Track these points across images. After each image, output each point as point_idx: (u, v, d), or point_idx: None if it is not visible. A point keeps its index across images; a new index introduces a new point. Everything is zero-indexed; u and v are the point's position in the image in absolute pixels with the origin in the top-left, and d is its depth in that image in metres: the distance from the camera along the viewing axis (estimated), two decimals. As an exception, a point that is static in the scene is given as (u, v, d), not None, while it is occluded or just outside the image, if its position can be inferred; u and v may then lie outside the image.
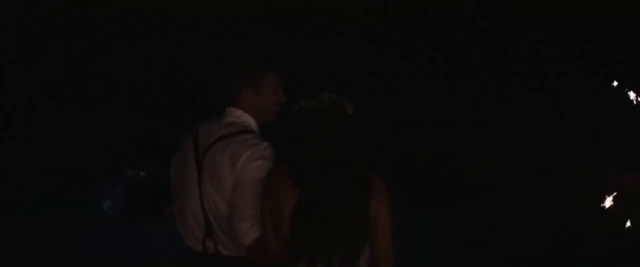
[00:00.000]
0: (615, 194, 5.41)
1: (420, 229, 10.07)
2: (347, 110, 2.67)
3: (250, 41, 17.57)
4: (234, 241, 2.87)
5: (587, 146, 15.42)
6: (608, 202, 5.40)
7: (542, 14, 17.39)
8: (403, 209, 5.18)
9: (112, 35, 18.09)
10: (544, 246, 9.45)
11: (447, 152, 16.30)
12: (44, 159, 14.14)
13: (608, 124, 15.79)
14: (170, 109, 17.70)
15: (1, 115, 17.89)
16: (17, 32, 18.33)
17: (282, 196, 2.66)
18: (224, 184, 2.88)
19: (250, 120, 2.99)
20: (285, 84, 3.06)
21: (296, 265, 2.62)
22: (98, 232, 10.88)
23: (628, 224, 5.81)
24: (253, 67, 3.04)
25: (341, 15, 17.85)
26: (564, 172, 14.79)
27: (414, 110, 17.13)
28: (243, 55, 15.74)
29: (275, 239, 2.71)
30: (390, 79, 17.96)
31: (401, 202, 4.64)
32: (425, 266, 7.96)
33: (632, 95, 5.28)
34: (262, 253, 2.80)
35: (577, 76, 17.07)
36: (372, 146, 3.18)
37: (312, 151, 2.66)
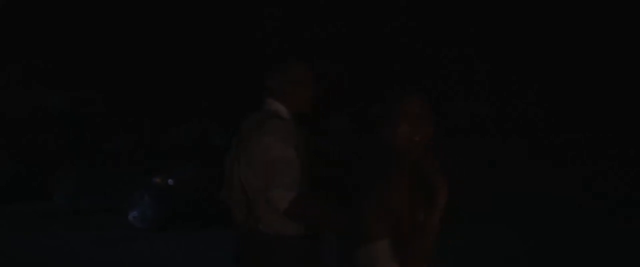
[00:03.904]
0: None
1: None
2: None
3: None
4: (273, 212, 3.16)
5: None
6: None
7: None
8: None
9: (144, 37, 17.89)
10: (543, 245, 9.34)
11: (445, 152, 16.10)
12: (75, 166, 13.30)
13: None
14: (205, 112, 17.53)
15: (29, 121, 17.69)
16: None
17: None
18: (255, 165, 3.24)
19: (280, 108, 3.36)
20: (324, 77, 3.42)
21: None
22: (125, 246, 10.22)
23: None
24: (281, 59, 3.49)
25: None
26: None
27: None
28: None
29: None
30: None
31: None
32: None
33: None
34: (303, 214, 3.11)
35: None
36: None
37: None
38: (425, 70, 17.34)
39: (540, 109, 17.55)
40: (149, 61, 18.05)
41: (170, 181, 11.47)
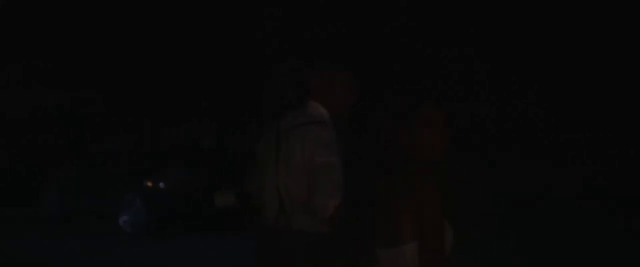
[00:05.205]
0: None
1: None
2: None
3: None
4: (312, 216, 3.20)
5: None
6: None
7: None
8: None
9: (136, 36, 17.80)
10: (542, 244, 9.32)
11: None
12: (64, 169, 13.12)
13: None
14: (205, 112, 17.44)
15: (29, 121, 17.59)
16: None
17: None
18: (295, 169, 3.26)
19: (324, 112, 3.38)
20: (357, 82, 3.47)
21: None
22: (113, 251, 10.01)
23: None
24: (324, 64, 3.52)
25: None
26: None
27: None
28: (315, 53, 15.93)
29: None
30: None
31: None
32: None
33: None
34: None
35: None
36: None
37: None
38: (425, 70, 17.33)
39: (540, 109, 17.53)
40: (148, 61, 18.02)
41: (161, 184, 11.22)
